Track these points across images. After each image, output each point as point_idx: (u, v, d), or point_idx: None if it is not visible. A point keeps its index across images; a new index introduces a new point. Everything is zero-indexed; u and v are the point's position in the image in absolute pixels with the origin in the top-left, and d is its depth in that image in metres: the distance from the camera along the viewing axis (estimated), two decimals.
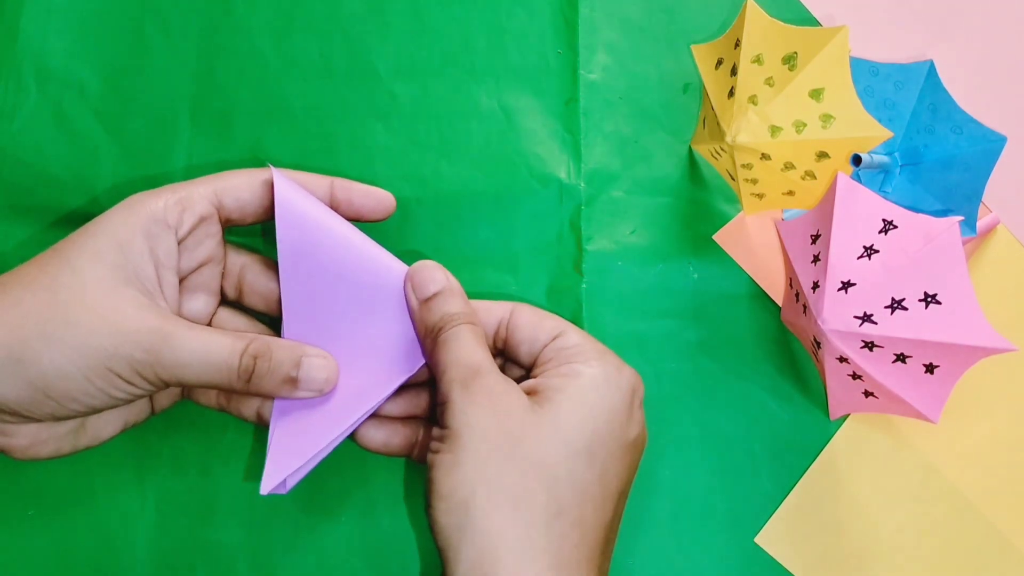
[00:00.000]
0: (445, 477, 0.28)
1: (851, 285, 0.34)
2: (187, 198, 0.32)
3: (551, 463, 0.28)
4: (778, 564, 0.39)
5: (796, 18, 0.44)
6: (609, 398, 0.30)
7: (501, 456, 0.28)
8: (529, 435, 0.28)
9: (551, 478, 0.28)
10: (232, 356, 0.30)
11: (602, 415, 0.29)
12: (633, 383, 0.31)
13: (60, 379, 0.28)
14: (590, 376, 0.30)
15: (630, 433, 0.30)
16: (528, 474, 0.27)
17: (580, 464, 0.28)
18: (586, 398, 0.29)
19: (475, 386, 0.29)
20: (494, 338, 0.34)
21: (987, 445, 0.40)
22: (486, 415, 0.28)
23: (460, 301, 0.32)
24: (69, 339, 0.28)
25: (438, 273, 0.32)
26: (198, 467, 0.39)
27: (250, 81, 0.42)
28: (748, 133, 0.36)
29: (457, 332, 0.31)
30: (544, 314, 0.33)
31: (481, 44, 0.43)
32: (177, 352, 0.29)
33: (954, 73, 0.39)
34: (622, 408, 0.30)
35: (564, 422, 0.29)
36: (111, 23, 0.42)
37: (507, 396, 0.29)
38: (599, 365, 0.31)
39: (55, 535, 0.38)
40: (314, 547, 0.38)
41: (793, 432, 0.40)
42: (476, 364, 0.30)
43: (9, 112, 0.41)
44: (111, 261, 0.29)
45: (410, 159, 0.42)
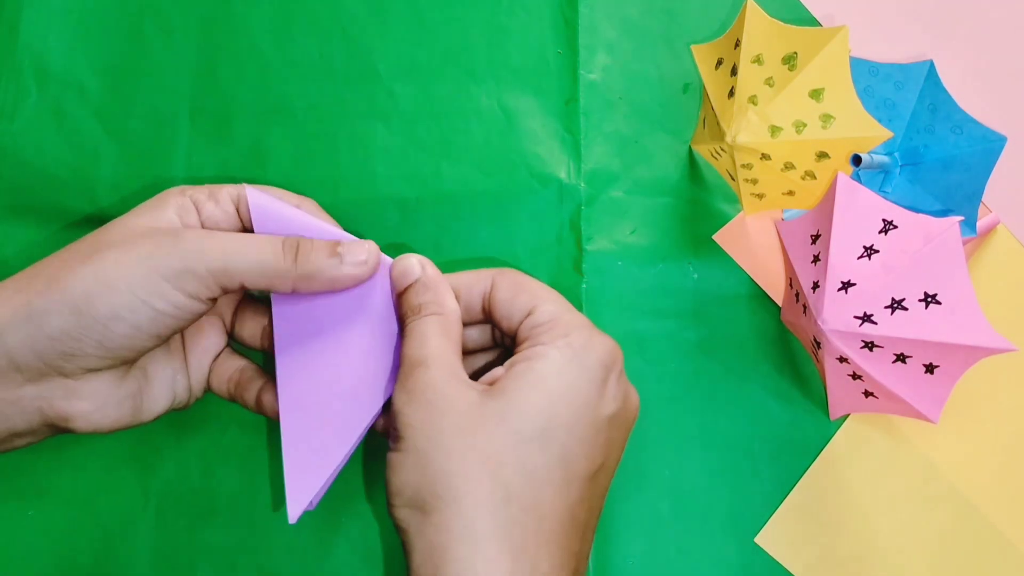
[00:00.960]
0: (395, 475, 0.28)
1: (851, 285, 0.34)
2: (214, 191, 0.33)
3: (494, 451, 0.28)
4: (778, 564, 0.39)
5: (796, 18, 0.44)
6: (573, 378, 0.29)
7: (441, 451, 0.28)
8: (471, 427, 0.28)
9: (495, 465, 0.27)
10: (275, 240, 0.31)
11: (562, 398, 0.29)
12: (604, 358, 0.30)
13: (105, 294, 0.29)
14: (552, 360, 0.29)
15: (602, 410, 0.30)
16: (470, 465, 0.27)
17: (531, 449, 0.28)
18: (544, 383, 0.29)
19: (411, 383, 0.29)
20: (481, 311, 0.33)
21: (987, 445, 0.40)
22: (422, 411, 0.28)
23: (429, 292, 0.32)
24: (111, 255, 0.29)
25: (414, 265, 0.32)
26: (198, 467, 0.39)
27: (250, 81, 0.42)
28: (748, 133, 0.36)
29: (414, 326, 0.31)
30: (522, 286, 0.32)
31: (481, 44, 0.43)
32: (224, 243, 0.30)
33: (954, 73, 0.39)
34: (588, 387, 0.29)
35: (513, 410, 0.28)
36: (111, 23, 0.42)
37: (446, 390, 0.29)
38: (565, 343, 0.30)
39: (55, 535, 0.38)
40: (314, 547, 0.38)
41: (793, 432, 0.40)
42: (419, 358, 0.30)
43: (9, 112, 0.41)
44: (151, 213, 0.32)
45: (410, 159, 0.42)
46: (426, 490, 0.28)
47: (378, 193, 0.41)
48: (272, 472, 0.39)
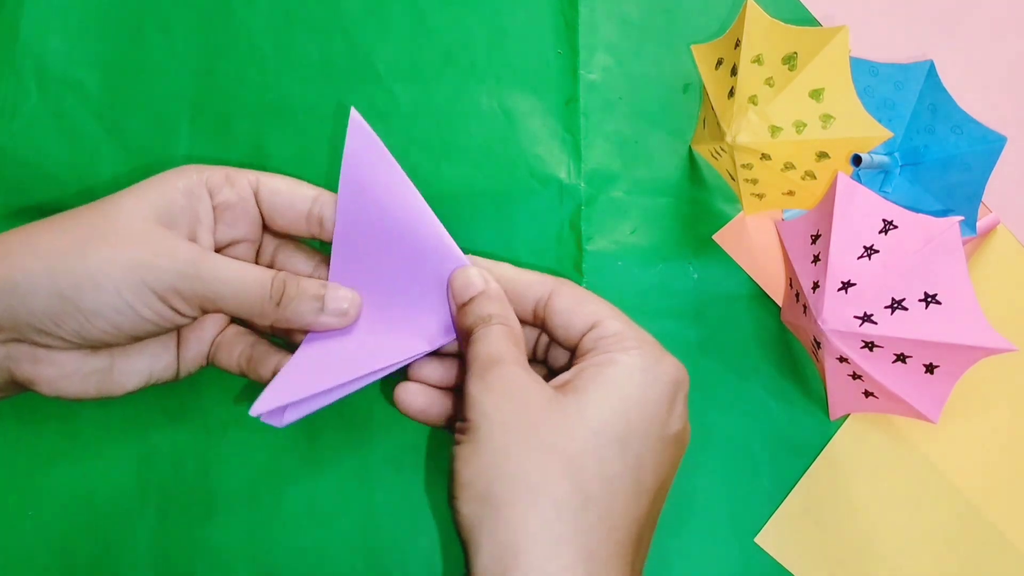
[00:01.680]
0: (464, 467, 0.27)
1: (851, 285, 0.34)
2: (232, 175, 0.33)
3: (576, 452, 0.27)
4: (778, 564, 0.39)
5: (796, 18, 0.44)
6: (646, 388, 0.29)
7: (521, 445, 0.27)
8: (551, 423, 0.27)
9: (576, 468, 0.27)
10: (265, 278, 0.31)
11: (637, 405, 0.28)
12: (676, 376, 0.30)
13: (92, 289, 0.29)
14: (626, 365, 0.29)
15: (670, 427, 0.29)
16: (550, 463, 0.26)
17: (610, 454, 0.27)
18: (620, 387, 0.28)
19: (491, 376, 0.29)
20: (533, 315, 0.33)
21: (987, 445, 0.40)
22: (502, 403, 0.28)
23: (496, 304, 0.32)
24: (106, 251, 0.29)
25: (476, 278, 0.32)
26: (198, 467, 0.39)
27: (250, 81, 0.42)
28: (748, 133, 0.36)
29: (487, 331, 0.31)
30: (585, 297, 0.32)
31: (481, 44, 0.43)
32: (215, 270, 0.30)
33: (954, 73, 0.39)
34: (661, 400, 0.29)
35: (593, 410, 0.28)
36: (111, 23, 0.42)
37: (526, 385, 0.28)
38: (637, 354, 0.29)
39: (55, 535, 0.38)
40: (314, 547, 0.38)
41: (793, 432, 0.40)
42: (496, 355, 0.29)
43: (9, 112, 0.41)
44: (153, 204, 0.31)
45: (410, 159, 0.42)
46: (500, 484, 0.26)
47: None
48: (272, 472, 0.39)
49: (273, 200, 0.34)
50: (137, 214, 0.31)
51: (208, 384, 0.39)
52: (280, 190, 0.34)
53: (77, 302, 0.29)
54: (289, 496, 0.39)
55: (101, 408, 0.39)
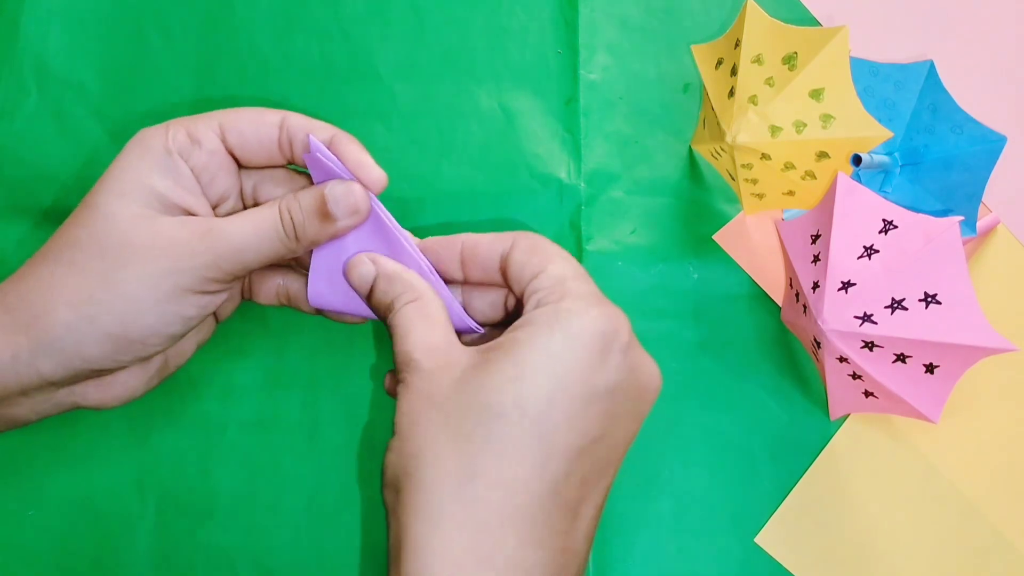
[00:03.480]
0: (385, 462, 0.28)
1: (851, 285, 0.34)
2: (194, 132, 0.32)
3: (465, 427, 0.27)
4: (778, 564, 0.39)
5: (796, 18, 0.44)
6: (554, 348, 0.27)
7: (421, 432, 0.27)
8: (447, 406, 0.27)
9: (462, 441, 0.27)
10: (275, 218, 0.31)
11: (540, 368, 0.27)
12: (601, 327, 0.28)
13: (137, 317, 0.29)
14: (533, 327, 0.28)
15: (598, 381, 0.28)
16: (440, 442, 0.27)
17: (501, 423, 0.27)
18: (519, 354, 0.27)
19: (406, 375, 0.29)
20: (500, 273, 0.32)
21: (987, 445, 0.40)
22: (413, 399, 0.28)
23: (394, 283, 0.31)
24: (131, 277, 0.29)
25: (363, 265, 0.32)
26: (198, 467, 0.39)
27: (250, 81, 0.42)
28: (748, 133, 0.36)
29: (395, 322, 0.30)
30: (538, 247, 0.31)
31: (481, 44, 0.43)
32: (230, 238, 0.30)
33: (954, 73, 0.39)
34: (576, 357, 0.27)
35: (489, 382, 0.27)
36: (111, 23, 0.42)
37: (437, 376, 0.28)
38: (554, 312, 0.28)
39: (55, 535, 0.38)
40: (314, 547, 0.38)
41: (793, 432, 0.40)
42: (408, 353, 0.29)
43: (9, 112, 0.41)
44: (140, 199, 0.30)
45: (410, 159, 0.42)
46: (400, 469, 0.27)
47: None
48: (272, 472, 0.39)
49: (242, 143, 0.32)
50: (131, 218, 0.30)
51: (208, 384, 0.39)
52: (245, 131, 0.32)
53: (127, 334, 0.29)
54: (289, 496, 0.39)
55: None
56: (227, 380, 0.39)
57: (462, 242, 0.32)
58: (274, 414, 0.39)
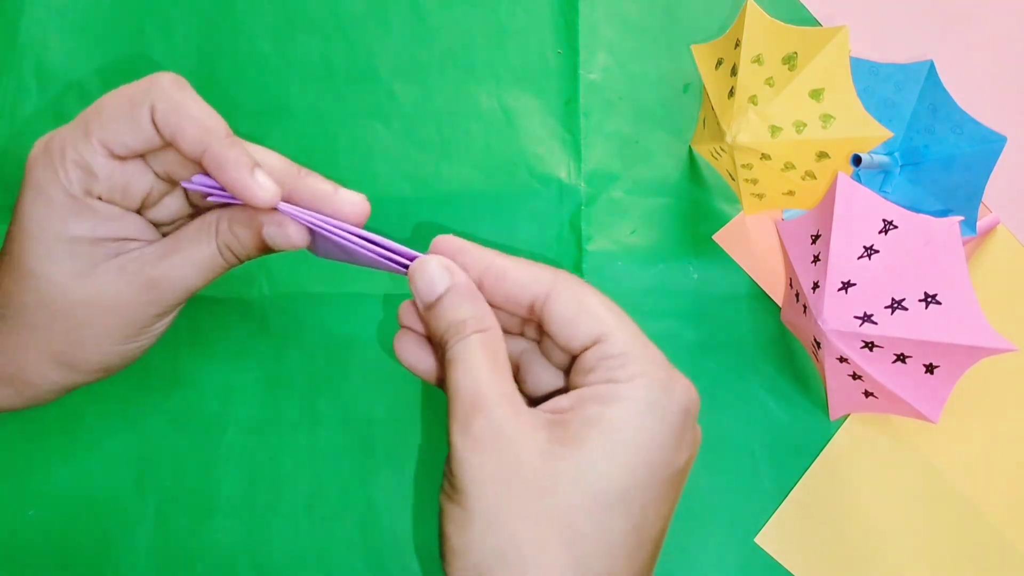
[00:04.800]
0: (455, 534, 0.25)
1: (851, 285, 0.34)
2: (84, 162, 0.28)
3: (574, 519, 0.24)
4: (778, 564, 0.39)
5: (796, 18, 0.44)
6: (653, 431, 0.25)
7: (513, 512, 0.24)
8: (546, 484, 0.24)
9: (574, 535, 0.24)
10: (213, 254, 0.30)
11: (642, 454, 0.25)
12: (685, 403, 0.26)
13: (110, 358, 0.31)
14: (631, 403, 0.25)
15: (677, 462, 0.26)
16: (545, 532, 0.24)
17: (611, 516, 0.25)
18: (624, 435, 0.25)
19: (476, 428, 0.25)
20: (528, 312, 0.29)
21: (987, 445, 0.40)
22: (492, 465, 0.25)
23: (468, 303, 0.27)
24: (89, 336, 0.30)
25: (438, 271, 0.28)
26: (198, 467, 0.39)
27: (250, 81, 0.42)
28: (748, 133, 0.36)
29: (461, 349, 0.27)
30: (586, 299, 0.28)
31: (481, 44, 0.43)
32: (172, 282, 0.29)
33: (954, 73, 0.39)
34: (668, 438, 0.26)
35: (593, 468, 0.25)
36: (111, 23, 0.42)
37: (518, 438, 0.25)
38: (644, 385, 0.26)
39: (55, 535, 0.38)
40: (314, 547, 0.38)
41: (793, 432, 0.40)
42: (480, 395, 0.26)
43: (9, 112, 0.41)
44: (68, 253, 0.29)
45: (410, 159, 0.42)
46: (494, 556, 0.24)
47: (378, 193, 0.41)
48: (272, 472, 0.39)
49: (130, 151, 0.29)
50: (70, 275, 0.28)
51: (208, 384, 0.39)
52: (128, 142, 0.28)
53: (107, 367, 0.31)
54: (289, 496, 0.39)
55: (101, 408, 0.39)
56: (227, 380, 0.39)
57: (486, 267, 0.28)
58: (274, 414, 0.39)
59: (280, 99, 0.42)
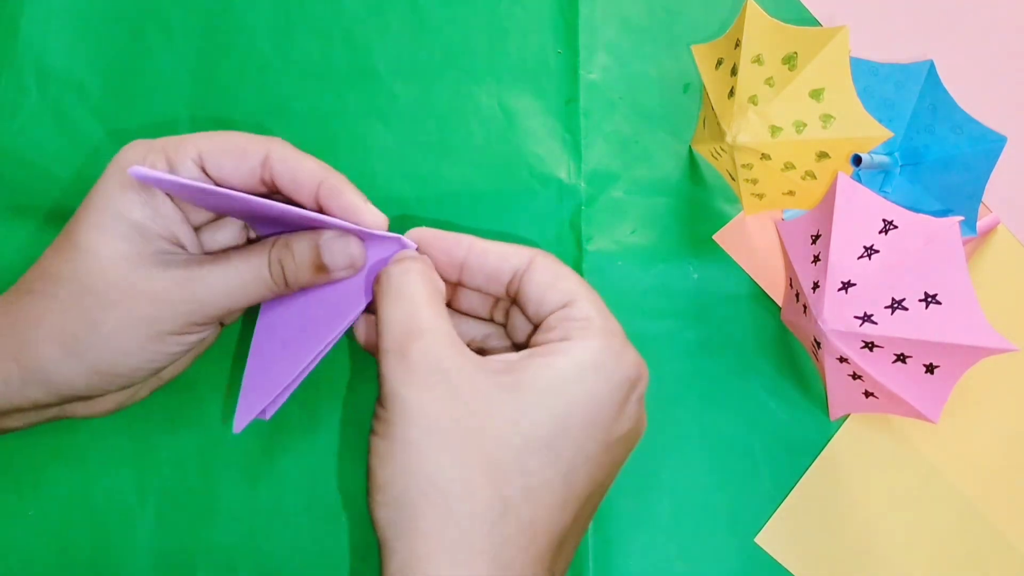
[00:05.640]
0: (380, 467, 0.25)
1: (851, 285, 0.34)
2: (174, 159, 0.30)
3: (502, 457, 0.24)
4: (778, 564, 0.39)
5: (796, 18, 0.44)
6: (594, 390, 0.26)
7: (441, 444, 0.24)
8: (478, 420, 0.24)
9: (499, 474, 0.24)
10: (262, 269, 0.29)
11: (579, 410, 0.25)
12: (631, 374, 0.27)
13: (121, 357, 0.29)
14: (578, 358, 0.26)
15: (616, 430, 0.27)
16: (472, 467, 0.24)
17: (538, 462, 0.25)
18: (564, 385, 0.25)
19: (414, 355, 0.25)
20: (506, 288, 0.30)
21: (987, 445, 0.40)
22: (425, 394, 0.25)
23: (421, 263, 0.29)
24: (112, 322, 0.29)
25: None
26: (198, 467, 0.39)
27: (250, 81, 0.42)
28: (748, 133, 0.36)
29: (396, 274, 0.27)
30: (563, 272, 0.29)
31: (481, 44, 0.43)
32: (213, 287, 0.29)
33: (954, 73, 0.39)
34: (609, 402, 0.26)
35: (528, 410, 0.25)
36: (111, 23, 0.42)
37: (456, 372, 0.25)
38: (596, 346, 0.26)
39: (54, 534, 0.38)
40: (314, 547, 0.38)
41: (793, 432, 0.40)
42: (418, 321, 0.25)
43: (9, 112, 0.41)
44: (120, 233, 0.29)
45: (410, 159, 0.42)
46: (416, 490, 0.24)
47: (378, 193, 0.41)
48: (272, 472, 0.39)
49: (222, 175, 0.30)
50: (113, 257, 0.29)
51: (207, 384, 0.39)
52: (225, 165, 0.30)
53: (112, 371, 0.29)
54: (289, 496, 0.39)
55: None
56: (227, 380, 0.39)
57: (468, 245, 0.30)
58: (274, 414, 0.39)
59: (280, 99, 0.42)
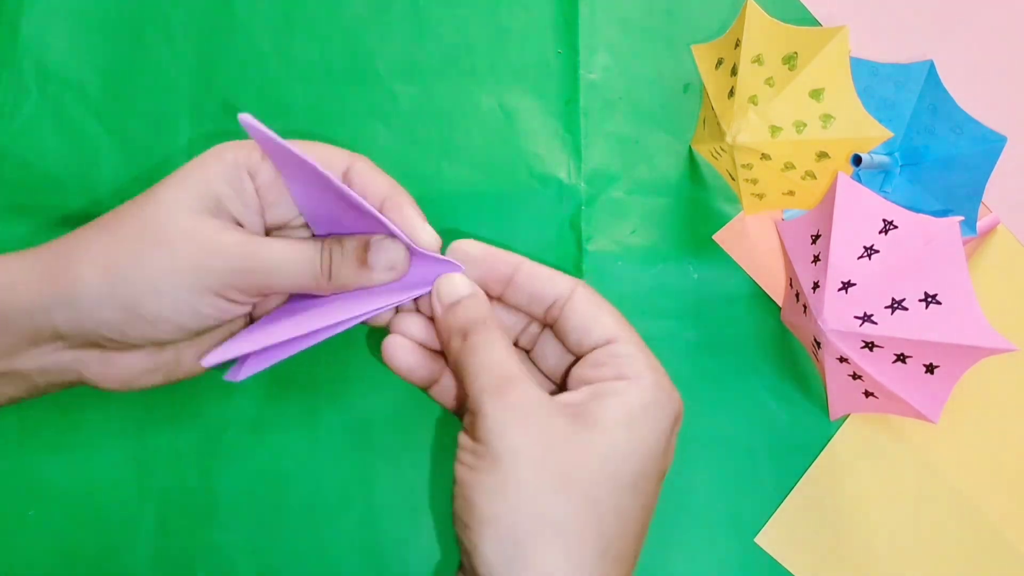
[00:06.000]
0: (489, 503, 0.26)
1: (851, 285, 0.34)
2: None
3: (597, 493, 0.26)
4: (778, 564, 0.39)
5: (796, 18, 0.44)
6: (657, 425, 0.28)
7: (549, 485, 0.26)
8: (572, 457, 0.26)
9: (598, 509, 0.26)
10: (314, 254, 0.31)
11: (647, 444, 0.27)
12: (678, 409, 0.29)
13: (153, 296, 0.29)
14: (639, 397, 0.28)
15: (666, 461, 0.28)
16: (578, 507, 0.26)
17: (627, 498, 0.26)
18: (635, 424, 0.27)
19: (514, 398, 0.27)
20: (544, 314, 0.32)
21: (987, 445, 0.40)
22: (527, 435, 0.26)
23: (487, 306, 0.31)
24: (159, 258, 0.29)
25: (463, 280, 0.31)
26: (198, 467, 0.39)
27: (250, 81, 0.42)
28: (748, 133, 0.36)
29: (489, 337, 0.29)
30: (602, 306, 0.31)
31: (481, 44, 0.43)
32: (265, 257, 0.30)
33: (954, 73, 0.39)
34: (665, 436, 0.28)
35: (612, 449, 0.27)
36: (111, 23, 0.42)
37: (547, 411, 0.27)
38: (650, 385, 0.28)
39: (55, 535, 0.38)
40: (314, 547, 0.38)
41: (793, 432, 0.40)
42: (511, 369, 0.28)
43: (9, 112, 0.41)
44: (198, 195, 0.30)
45: (410, 159, 0.42)
46: (530, 523, 0.25)
47: None
48: (272, 472, 0.39)
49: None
50: (183, 210, 0.30)
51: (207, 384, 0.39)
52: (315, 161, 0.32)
53: (140, 311, 0.29)
54: (289, 496, 0.39)
55: (101, 408, 0.39)
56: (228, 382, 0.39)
57: (517, 264, 0.32)
58: (274, 414, 0.39)
59: (280, 99, 0.42)
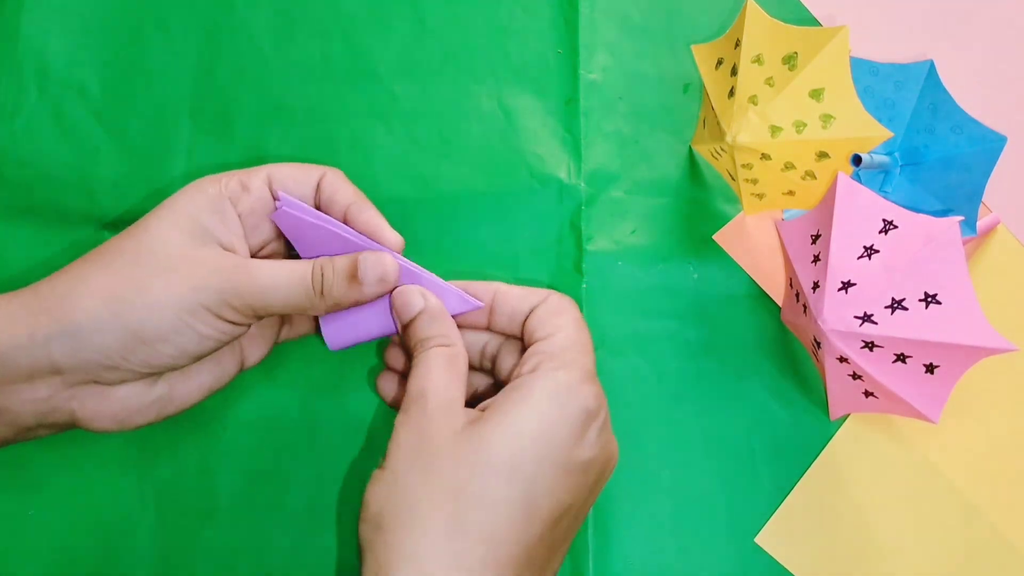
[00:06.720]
0: (368, 490, 0.30)
1: (851, 285, 0.34)
2: (245, 180, 0.34)
3: (462, 480, 0.28)
4: (778, 564, 0.39)
5: (796, 18, 0.44)
6: (550, 418, 0.30)
7: (416, 475, 0.29)
8: (449, 454, 0.29)
9: (459, 494, 0.28)
10: (305, 272, 0.32)
11: (534, 435, 0.29)
12: (589, 405, 0.30)
13: (155, 319, 0.31)
14: (537, 393, 0.30)
15: (576, 455, 0.30)
16: (436, 492, 0.28)
17: (496, 481, 0.28)
18: (519, 417, 0.29)
19: (412, 409, 0.30)
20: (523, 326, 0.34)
21: (987, 445, 0.40)
22: (411, 435, 0.30)
23: (436, 324, 0.33)
24: (158, 281, 0.31)
25: (415, 297, 0.33)
26: (198, 467, 0.39)
27: (250, 81, 0.42)
28: (748, 133, 0.36)
29: (420, 358, 0.32)
30: (564, 309, 0.33)
31: (481, 44, 0.43)
32: (259, 278, 0.32)
33: (954, 73, 0.39)
34: (565, 429, 0.30)
35: (487, 439, 0.29)
36: (111, 24, 0.42)
37: (441, 417, 0.30)
38: (554, 380, 0.30)
39: (55, 535, 0.38)
40: (314, 547, 0.38)
41: (793, 432, 0.40)
42: (421, 390, 0.31)
43: (9, 112, 0.41)
44: (188, 229, 0.32)
45: (410, 159, 0.42)
46: (388, 509, 0.28)
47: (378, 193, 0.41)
48: (272, 472, 0.39)
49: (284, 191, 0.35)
50: (175, 237, 0.32)
51: None
52: (288, 185, 0.35)
53: (142, 333, 0.30)
54: (289, 496, 0.39)
55: None
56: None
57: (495, 289, 0.34)
58: (274, 414, 0.39)
59: (280, 99, 0.42)
